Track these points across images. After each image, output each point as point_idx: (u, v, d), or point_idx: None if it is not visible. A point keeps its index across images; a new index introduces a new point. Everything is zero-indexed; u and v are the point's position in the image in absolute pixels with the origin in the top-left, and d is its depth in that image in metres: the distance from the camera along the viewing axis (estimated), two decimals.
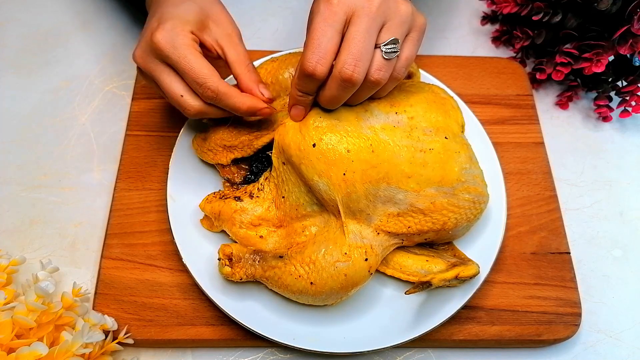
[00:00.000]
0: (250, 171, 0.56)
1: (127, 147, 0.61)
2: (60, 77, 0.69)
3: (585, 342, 0.55)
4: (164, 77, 0.49)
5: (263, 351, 0.53)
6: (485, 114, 0.66)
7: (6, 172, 0.62)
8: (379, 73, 0.46)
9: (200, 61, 0.48)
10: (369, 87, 0.47)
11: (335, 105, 0.49)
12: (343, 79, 0.45)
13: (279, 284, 0.49)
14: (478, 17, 0.77)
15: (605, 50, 0.62)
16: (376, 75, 0.46)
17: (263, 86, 0.51)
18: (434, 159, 0.50)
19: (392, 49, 0.46)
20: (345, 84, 0.45)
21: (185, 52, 0.47)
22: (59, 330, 0.47)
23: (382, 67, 0.46)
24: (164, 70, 0.49)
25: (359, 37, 0.44)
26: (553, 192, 0.62)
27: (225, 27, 0.51)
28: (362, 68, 0.44)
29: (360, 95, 0.49)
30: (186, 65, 0.47)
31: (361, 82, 0.45)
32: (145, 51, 0.49)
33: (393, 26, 0.46)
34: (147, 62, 0.49)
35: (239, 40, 0.52)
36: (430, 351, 0.54)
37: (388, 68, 0.46)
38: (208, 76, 0.47)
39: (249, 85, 0.50)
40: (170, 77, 0.49)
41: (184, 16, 0.49)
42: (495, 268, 0.55)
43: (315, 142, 0.48)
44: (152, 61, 0.49)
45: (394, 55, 0.46)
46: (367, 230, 0.49)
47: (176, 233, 0.53)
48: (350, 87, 0.46)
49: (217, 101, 0.49)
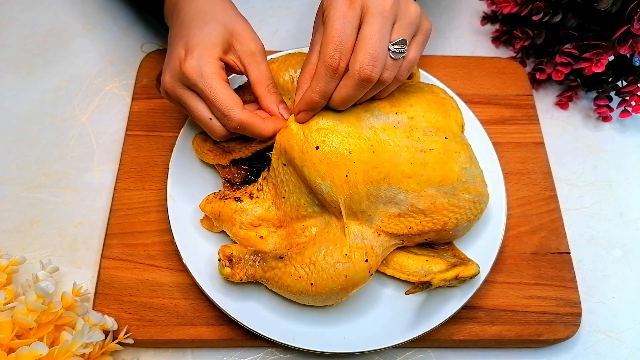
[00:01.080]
0: (251, 171, 0.56)
1: (127, 147, 0.61)
2: (60, 77, 0.69)
3: (585, 342, 0.55)
4: (191, 102, 0.50)
5: (263, 351, 0.53)
6: (485, 114, 0.66)
7: (6, 172, 0.62)
8: (387, 72, 0.46)
9: (225, 92, 0.48)
10: (376, 86, 0.47)
11: (347, 105, 0.49)
12: (362, 78, 0.45)
13: (279, 285, 0.49)
14: (478, 17, 0.77)
15: (605, 50, 0.62)
16: (385, 74, 0.46)
17: (283, 107, 0.52)
18: (434, 159, 0.50)
19: (400, 49, 0.46)
20: (362, 83, 0.45)
21: (212, 81, 0.48)
22: (59, 330, 0.47)
23: (389, 66, 0.46)
24: (192, 96, 0.50)
25: (375, 37, 0.44)
26: (553, 192, 0.62)
27: (248, 45, 0.51)
28: (379, 68, 0.45)
29: (366, 95, 0.49)
30: (211, 95, 0.48)
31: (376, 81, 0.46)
32: (174, 78, 0.50)
33: (402, 26, 0.46)
34: (176, 88, 0.50)
35: (261, 58, 0.52)
36: (430, 351, 0.54)
37: (394, 68, 0.46)
38: (232, 107, 0.48)
39: (270, 107, 0.51)
40: (197, 103, 0.50)
41: (210, 40, 0.50)
42: (495, 268, 0.55)
43: (318, 145, 0.48)
44: (180, 87, 0.50)
45: (400, 56, 0.46)
46: (368, 231, 0.49)
47: (176, 233, 0.53)
48: (367, 87, 0.46)
49: (241, 131, 0.50)
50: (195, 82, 0.48)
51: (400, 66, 0.47)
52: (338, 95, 0.47)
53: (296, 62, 0.56)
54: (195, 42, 0.49)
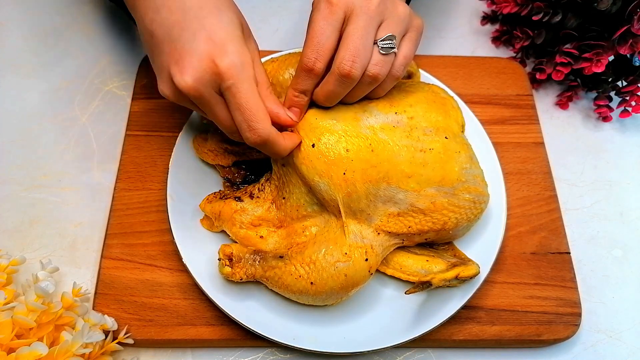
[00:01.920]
0: (251, 171, 0.56)
1: (127, 147, 0.61)
2: (60, 77, 0.69)
3: (585, 342, 0.55)
4: (219, 109, 0.45)
5: (263, 351, 0.53)
6: (485, 114, 0.66)
7: (6, 172, 0.62)
8: (376, 68, 0.46)
9: (259, 101, 0.44)
10: (367, 82, 0.47)
11: (332, 102, 0.49)
12: (341, 74, 0.45)
13: (279, 284, 0.49)
14: (478, 17, 0.77)
15: (605, 50, 0.62)
16: (373, 70, 0.46)
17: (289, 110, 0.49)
18: (434, 158, 0.50)
19: (389, 44, 0.46)
20: (343, 80, 0.46)
21: (250, 85, 0.43)
22: (59, 330, 0.47)
23: (379, 62, 0.46)
24: (219, 102, 0.45)
25: (357, 34, 0.45)
26: (553, 192, 0.62)
27: (252, 44, 0.48)
28: (359, 64, 0.45)
29: (358, 92, 0.49)
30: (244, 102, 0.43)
31: (359, 77, 0.46)
32: (203, 79, 0.43)
33: (391, 24, 0.47)
34: (204, 92, 0.43)
35: (259, 58, 0.48)
36: (430, 351, 0.54)
37: (385, 64, 0.47)
38: (262, 120, 0.44)
39: (275, 111, 0.47)
40: (226, 112, 0.45)
41: (236, 32, 0.45)
42: (495, 268, 0.55)
43: (314, 143, 0.48)
44: (208, 90, 0.43)
45: (390, 51, 0.46)
46: (367, 230, 0.49)
47: (176, 233, 0.53)
48: (349, 83, 0.46)
49: (261, 146, 0.46)
50: (233, 83, 0.43)
51: (393, 63, 0.47)
52: (321, 91, 0.48)
53: (296, 62, 0.55)
54: (222, 36, 0.43)
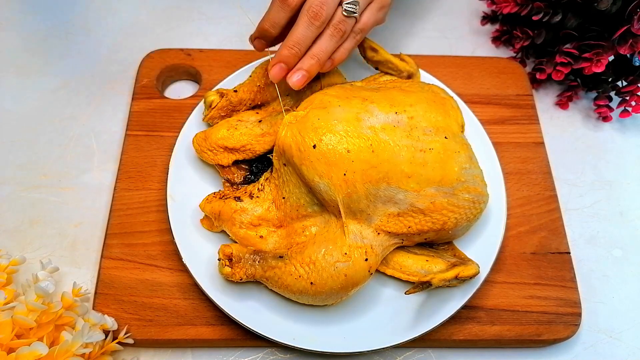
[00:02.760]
0: (250, 171, 0.56)
1: (127, 147, 0.61)
2: (60, 77, 0.69)
3: (585, 342, 0.55)
4: None
5: (263, 351, 0.53)
6: (485, 114, 0.66)
7: (6, 172, 0.62)
8: (338, 24, 0.52)
9: None
10: (330, 35, 0.52)
11: (300, 46, 0.51)
12: (310, 14, 0.50)
13: (279, 284, 0.49)
14: (478, 17, 0.77)
15: (605, 50, 0.62)
16: (334, 20, 0.52)
17: None
18: (433, 158, 0.50)
19: (352, 7, 0.52)
20: (311, 21, 0.51)
21: None
22: (59, 330, 0.47)
23: (341, 20, 0.52)
24: None
25: None
26: (553, 192, 0.62)
27: None
28: (326, 10, 0.51)
29: (322, 44, 0.52)
30: None
31: (326, 21, 0.51)
32: None
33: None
34: None
35: None
36: (430, 351, 0.54)
37: (346, 24, 0.53)
38: None
39: None
40: None
41: None
42: (495, 268, 0.55)
43: (315, 143, 0.48)
44: None
45: (352, 15, 0.52)
46: (367, 230, 0.49)
47: (176, 233, 0.53)
48: (316, 25, 0.51)
49: None
50: None
51: (353, 26, 0.54)
52: (291, 33, 0.52)
53: None
54: None
